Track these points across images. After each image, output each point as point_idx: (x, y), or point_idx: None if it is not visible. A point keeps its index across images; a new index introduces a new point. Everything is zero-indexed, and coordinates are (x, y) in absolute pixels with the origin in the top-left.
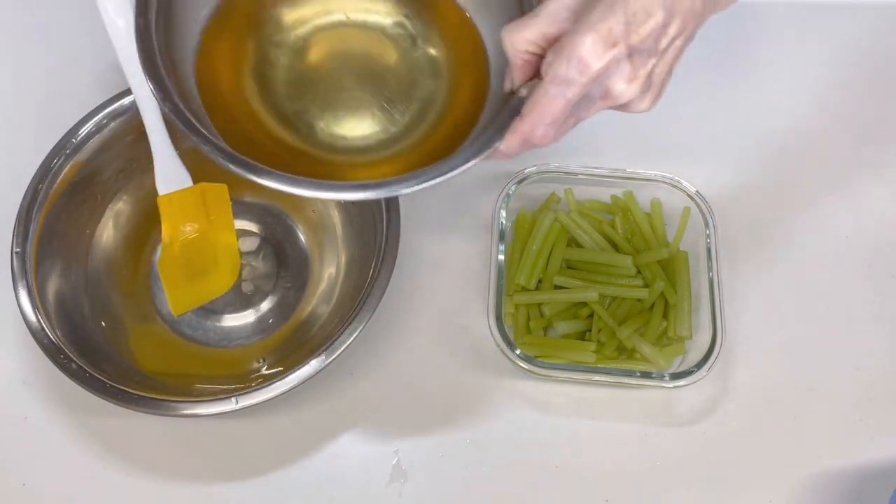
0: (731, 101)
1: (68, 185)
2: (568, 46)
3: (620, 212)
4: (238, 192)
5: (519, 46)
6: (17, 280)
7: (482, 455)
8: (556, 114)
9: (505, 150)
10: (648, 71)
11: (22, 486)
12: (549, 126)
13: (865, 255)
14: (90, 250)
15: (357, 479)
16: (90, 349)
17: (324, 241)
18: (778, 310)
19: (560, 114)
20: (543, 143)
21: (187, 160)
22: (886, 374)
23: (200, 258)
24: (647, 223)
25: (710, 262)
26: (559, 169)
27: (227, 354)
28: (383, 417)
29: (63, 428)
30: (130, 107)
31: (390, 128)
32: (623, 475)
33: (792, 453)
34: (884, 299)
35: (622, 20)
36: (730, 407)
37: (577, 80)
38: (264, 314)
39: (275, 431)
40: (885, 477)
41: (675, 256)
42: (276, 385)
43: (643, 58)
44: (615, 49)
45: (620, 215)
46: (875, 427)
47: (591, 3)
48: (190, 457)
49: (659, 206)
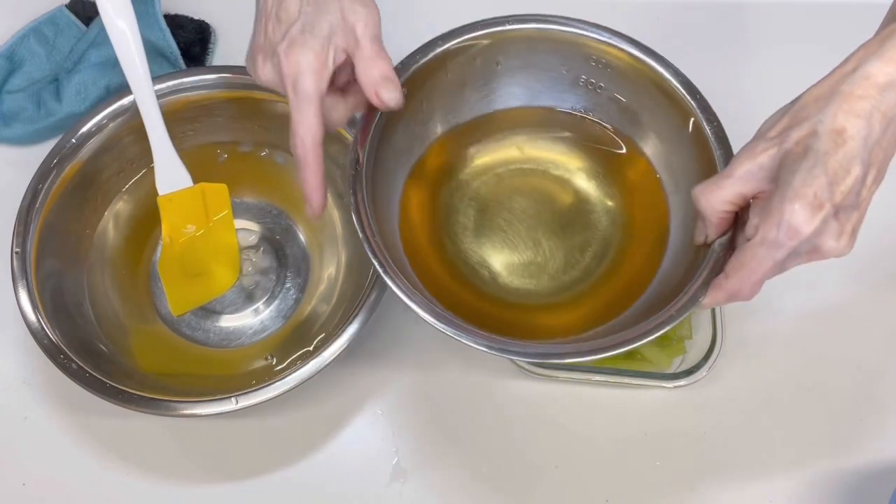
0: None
1: (68, 185)
2: (776, 213)
3: None
4: (238, 192)
5: (717, 207)
6: (17, 280)
7: (482, 455)
8: (766, 273)
9: (707, 304)
10: (854, 224)
11: (22, 486)
12: (757, 284)
13: (865, 255)
14: (90, 250)
15: (357, 479)
16: (90, 349)
17: (324, 241)
18: (778, 310)
19: (769, 273)
20: (749, 298)
21: (187, 160)
22: (886, 374)
23: (200, 258)
24: None
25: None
26: None
27: (226, 354)
28: (383, 417)
29: (63, 428)
30: (130, 107)
31: (567, 275)
32: (623, 475)
33: (792, 453)
34: (884, 299)
35: (825, 182)
36: (729, 407)
37: (786, 244)
38: (264, 314)
39: (275, 431)
40: (885, 477)
41: None
42: (276, 385)
43: (848, 213)
44: (823, 211)
45: None
46: (875, 427)
47: (787, 163)
48: (190, 457)
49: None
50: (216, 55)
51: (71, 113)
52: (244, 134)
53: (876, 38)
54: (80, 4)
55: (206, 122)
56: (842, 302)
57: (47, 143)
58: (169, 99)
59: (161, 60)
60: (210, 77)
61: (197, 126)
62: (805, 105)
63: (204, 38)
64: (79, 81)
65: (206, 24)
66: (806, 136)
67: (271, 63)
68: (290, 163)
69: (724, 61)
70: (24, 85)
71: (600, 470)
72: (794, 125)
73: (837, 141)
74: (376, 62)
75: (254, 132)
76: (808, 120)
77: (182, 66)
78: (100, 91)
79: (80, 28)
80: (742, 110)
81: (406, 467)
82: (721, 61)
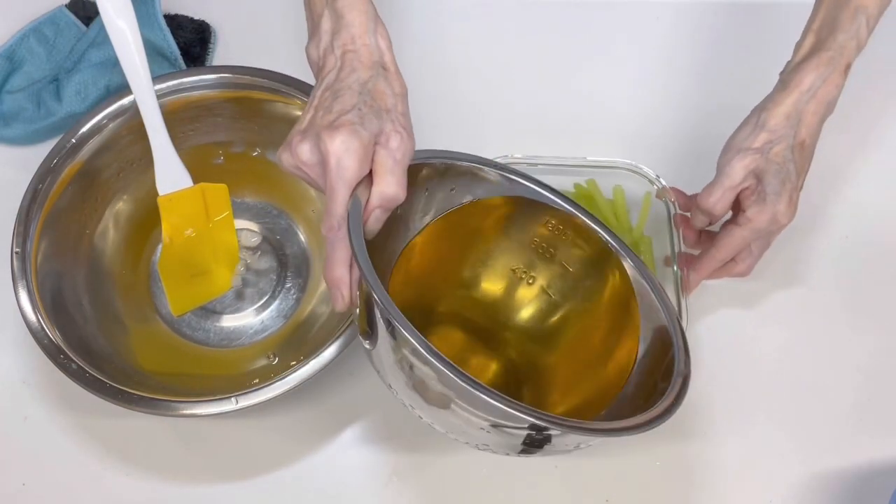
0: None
1: (68, 185)
2: (769, 208)
3: (584, 199)
4: (238, 192)
5: (719, 205)
6: (17, 280)
7: (482, 455)
8: (739, 249)
9: (696, 280)
10: (797, 199)
11: (22, 486)
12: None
13: (866, 255)
14: (90, 250)
15: (357, 480)
16: (90, 349)
17: (324, 241)
18: (778, 310)
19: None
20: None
21: (187, 160)
22: (886, 374)
23: (200, 258)
24: (610, 210)
25: (672, 250)
26: (521, 160)
27: (227, 354)
28: (383, 417)
29: (63, 428)
30: (130, 107)
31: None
32: (623, 475)
33: (792, 453)
34: (884, 299)
35: (796, 181)
36: (729, 407)
37: (770, 231)
38: (264, 314)
39: (275, 431)
40: (885, 477)
41: (639, 241)
42: (276, 385)
43: (798, 192)
44: (794, 203)
45: (584, 203)
46: (875, 427)
47: (770, 169)
48: (190, 457)
49: (621, 193)
50: (216, 55)
51: (71, 113)
52: (244, 134)
53: (824, 54)
54: (80, 4)
55: (205, 122)
56: (841, 302)
57: (47, 143)
58: (169, 99)
59: (161, 60)
60: (210, 77)
61: (197, 126)
62: (778, 124)
63: (204, 38)
64: (79, 81)
65: (206, 24)
66: (782, 149)
67: (312, 143)
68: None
69: (725, 61)
70: (24, 85)
71: (600, 470)
72: (774, 140)
73: (801, 149)
74: (390, 184)
75: (253, 132)
76: (784, 137)
77: (182, 66)
78: (100, 91)
79: (80, 28)
80: (742, 110)
81: (405, 468)
82: (721, 61)
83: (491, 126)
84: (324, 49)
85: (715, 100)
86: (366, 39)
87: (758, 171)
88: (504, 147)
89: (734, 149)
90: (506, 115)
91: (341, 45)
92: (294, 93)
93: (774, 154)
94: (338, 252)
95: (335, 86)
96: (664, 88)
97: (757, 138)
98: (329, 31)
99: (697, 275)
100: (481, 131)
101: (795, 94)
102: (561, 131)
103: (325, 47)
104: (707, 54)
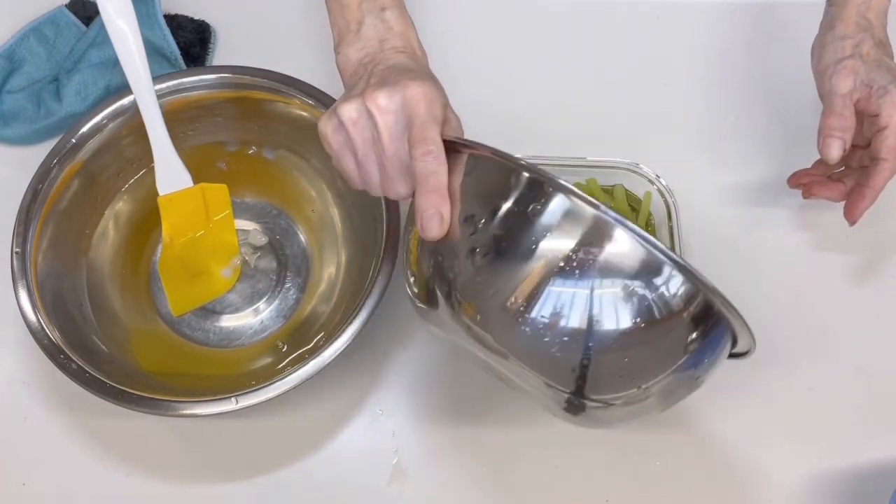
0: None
1: (68, 185)
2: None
3: None
4: (238, 192)
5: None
6: (17, 280)
7: (482, 455)
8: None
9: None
10: None
11: (22, 486)
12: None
13: (866, 255)
14: (90, 250)
15: (357, 479)
16: (90, 349)
17: (324, 241)
18: (778, 311)
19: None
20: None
21: (187, 160)
22: (887, 374)
23: (200, 258)
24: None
25: (672, 249)
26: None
27: (227, 354)
28: (383, 417)
29: (63, 428)
30: (130, 107)
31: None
32: (623, 475)
33: (792, 453)
34: (884, 299)
35: None
36: (729, 407)
37: None
38: (264, 314)
39: (275, 431)
40: (885, 477)
41: None
42: (276, 385)
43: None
44: None
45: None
46: (875, 427)
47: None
48: (190, 457)
49: (621, 192)
50: (216, 55)
51: (71, 113)
52: (244, 134)
53: None
54: (80, 4)
55: (205, 122)
56: (842, 302)
57: (47, 143)
58: (169, 99)
59: (161, 60)
60: (210, 77)
61: (197, 126)
62: (854, 30)
63: (204, 38)
64: (79, 81)
65: (206, 24)
66: (871, 48)
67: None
68: (288, 163)
69: (725, 61)
70: (24, 85)
71: (600, 470)
72: (859, 43)
73: (883, 48)
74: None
75: (253, 132)
76: (865, 38)
77: (182, 66)
78: (100, 91)
79: (80, 28)
80: (742, 108)
81: (406, 467)
82: (721, 60)
83: (491, 126)
84: (371, 52)
85: (715, 100)
86: (416, 46)
87: (862, 76)
88: (504, 147)
89: (829, 67)
90: (505, 114)
91: (391, 47)
92: (294, 93)
93: (867, 54)
94: (438, 176)
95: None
96: (664, 88)
97: (844, 47)
98: (375, 38)
99: (873, 191)
100: (481, 131)
101: (853, 6)
102: (561, 131)
103: (373, 52)
104: (707, 54)
